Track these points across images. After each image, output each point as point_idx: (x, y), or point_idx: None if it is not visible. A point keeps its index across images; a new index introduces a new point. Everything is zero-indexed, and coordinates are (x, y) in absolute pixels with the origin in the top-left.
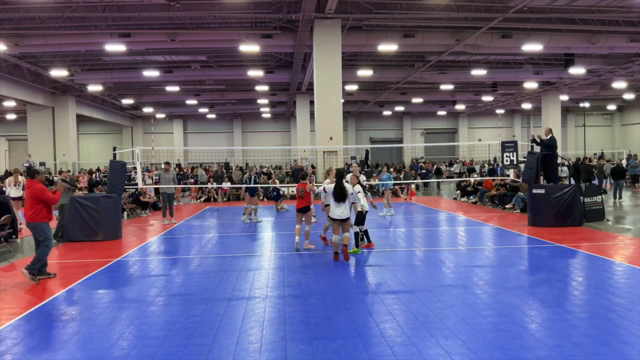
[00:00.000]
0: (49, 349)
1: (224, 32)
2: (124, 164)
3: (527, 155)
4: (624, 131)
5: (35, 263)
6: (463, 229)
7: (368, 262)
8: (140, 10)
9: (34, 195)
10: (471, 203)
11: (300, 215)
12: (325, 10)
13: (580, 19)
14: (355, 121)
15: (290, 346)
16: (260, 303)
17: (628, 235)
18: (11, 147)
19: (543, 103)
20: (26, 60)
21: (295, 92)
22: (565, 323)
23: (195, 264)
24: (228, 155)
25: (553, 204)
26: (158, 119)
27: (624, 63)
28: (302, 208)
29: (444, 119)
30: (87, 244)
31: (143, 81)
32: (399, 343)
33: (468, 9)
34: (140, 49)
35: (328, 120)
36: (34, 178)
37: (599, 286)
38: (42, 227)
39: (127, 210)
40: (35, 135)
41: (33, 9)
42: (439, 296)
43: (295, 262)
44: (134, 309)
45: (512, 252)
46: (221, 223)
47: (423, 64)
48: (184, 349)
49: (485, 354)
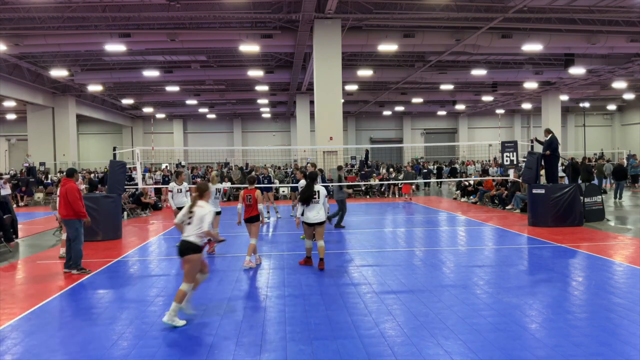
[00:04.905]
0: (49, 349)
1: (224, 32)
2: (124, 164)
3: (527, 155)
4: (624, 131)
5: (77, 260)
6: (463, 229)
7: (368, 262)
8: (140, 10)
9: (65, 193)
10: (471, 203)
11: (249, 226)
12: (325, 10)
13: (580, 19)
14: (355, 121)
15: (290, 346)
16: (260, 303)
17: (628, 235)
18: (11, 147)
19: (543, 103)
20: (26, 60)
21: (295, 92)
22: (565, 323)
23: None
24: (228, 155)
25: (553, 204)
26: (158, 119)
27: (624, 63)
28: (250, 217)
29: (444, 119)
30: (87, 244)
31: (143, 81)
32: (399, 343)
33: (468, 9)
34: (140, 49)
35: (328, 120)
36: (71, 177)
37: (599, 286)
38: (72, 223)
39: (127, 210)
40: (35, 135)
41: (33, 9)
42: (439, 296)
43: (295, 262)
44: (134, 309)
45: (512, 252)
46: (221, 223)
47: (423, 64)
48: (184, 349)
49: (485, 354)
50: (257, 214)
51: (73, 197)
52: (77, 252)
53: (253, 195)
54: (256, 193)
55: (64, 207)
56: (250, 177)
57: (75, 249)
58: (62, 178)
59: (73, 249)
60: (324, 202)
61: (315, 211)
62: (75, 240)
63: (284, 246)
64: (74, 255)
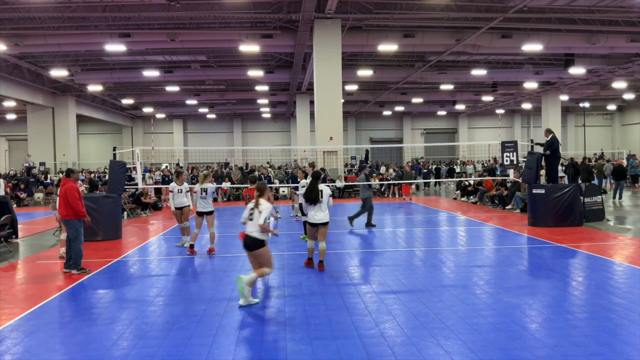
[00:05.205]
0: (49, 349)
1: (224, 32)
2: (124, 164)
3: (527, 155)
4: (624, 131)
5: (77, 260)
6: (463, 229)
7: (368, 262)
8: (140, 10)
9: (65, 193)
10: (471, 203)
11: None
12: (325, 10)
13: (580, 19)
14: (355, 121)
15: (290, 346)
16: (260, 303)
17: (628, 235)
18: (11, 147)
19: (543, 103)
20: (26, 60)
21: (295, 92)
22: (565, 323)
23: (196, 263)
24: (228, 155)
25: (553, 204)
26: (158, 119)
27: (624, 63)
28: None
29: (444, 119)
30: (87, 244)
31: (143, 81)
32: (399, 343)
33: (468, 9)
34: (140, 49)
35: (328, 120)
36: (69, 177)
37: (599, 286)
38: (72, 223)
39: (127, 210)
40: (35, 135)
41: (33, 9)
42: (439, 296)
43: (296, 262)
44: (134, 309)
45: (512, 252)
46: (221, 223)
47: (423, 64)
48: (184, 349)
49: (485, 354)
50: None
51: (72, 197)
52: (77, 252)
53: (253, 195)
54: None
55: (63, 207)
56: (252, 176)
57: (75, 249)
58: (62, 178)
59: (73, 249)
60: (327, 201)
61: (320, 211)
62: (75, 240)
63: (284, 246)
64: (74, 255)
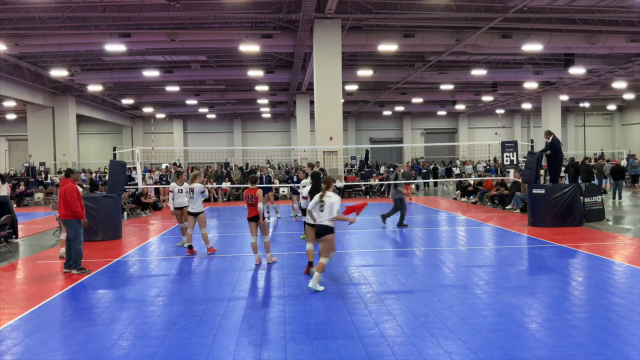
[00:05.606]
0: (49, 349)
1: (224, 32)
2: (124, 164)
3: (527, 155)
4: (624, 131)
5: (77, 260)
6: (463, 229)
7: (368, 262)
8: (140, 10)
9: (64, 194)
10: (471, 203)
11: (254, 224)
12: (325, 10)
13: (580, 19)
14: (355, 121)
15: (290, 346)
16: (260, 303)
17: (628, 235)
18: (11, 147)
19: (543, 103)
20: (26, 60)
21: (295, 92)
22: (565, 323)
23: (195, 263)
24: (228, 155)
25: (553, 204)
26: (158, 119)
27: (624, 63)
28: (253, 217)
29: (444, 119)
30: (87, 244)
31: (143, 81)
32: (399, 343)
33: (468, 9)
34: (140, 49)
35: (328, 120)
36: (69, 177)
37: (599, 286)
38: (72, 223)
39: (127, 210)
40: (35, 135)
41: (33, 9)
42: (439, 296)
43: (296, 262)
44: (134, 309)
45: (512, 252)
46: (221, 223)
47: (423, 64)
48: (184, 349)
49: (485, 354)
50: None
51: (71, 198)
52: (77, 252)
53: (254, 195)
54: (257, 192)
55: (63, 208)
56: (252, 176)
57: (75, 249)
58: (62, 178)
59: (73, 249)
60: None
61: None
62: (75, 240)
63: (284, 246)
64: (74, 255)
